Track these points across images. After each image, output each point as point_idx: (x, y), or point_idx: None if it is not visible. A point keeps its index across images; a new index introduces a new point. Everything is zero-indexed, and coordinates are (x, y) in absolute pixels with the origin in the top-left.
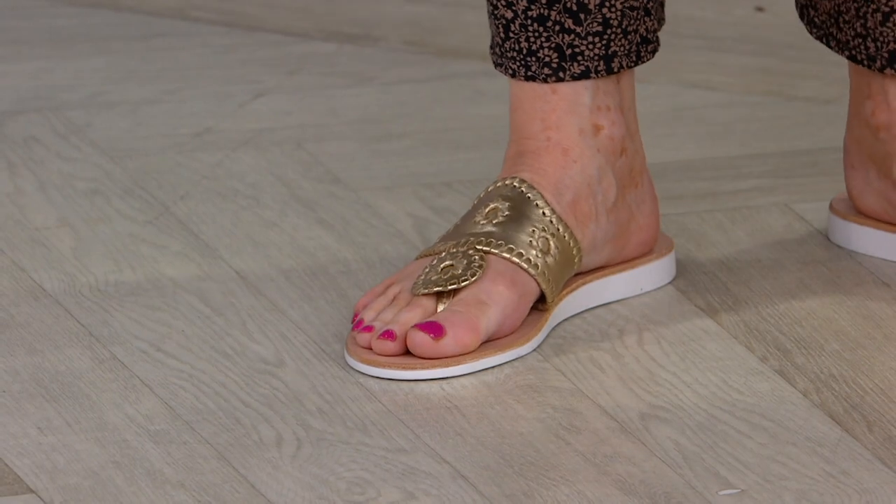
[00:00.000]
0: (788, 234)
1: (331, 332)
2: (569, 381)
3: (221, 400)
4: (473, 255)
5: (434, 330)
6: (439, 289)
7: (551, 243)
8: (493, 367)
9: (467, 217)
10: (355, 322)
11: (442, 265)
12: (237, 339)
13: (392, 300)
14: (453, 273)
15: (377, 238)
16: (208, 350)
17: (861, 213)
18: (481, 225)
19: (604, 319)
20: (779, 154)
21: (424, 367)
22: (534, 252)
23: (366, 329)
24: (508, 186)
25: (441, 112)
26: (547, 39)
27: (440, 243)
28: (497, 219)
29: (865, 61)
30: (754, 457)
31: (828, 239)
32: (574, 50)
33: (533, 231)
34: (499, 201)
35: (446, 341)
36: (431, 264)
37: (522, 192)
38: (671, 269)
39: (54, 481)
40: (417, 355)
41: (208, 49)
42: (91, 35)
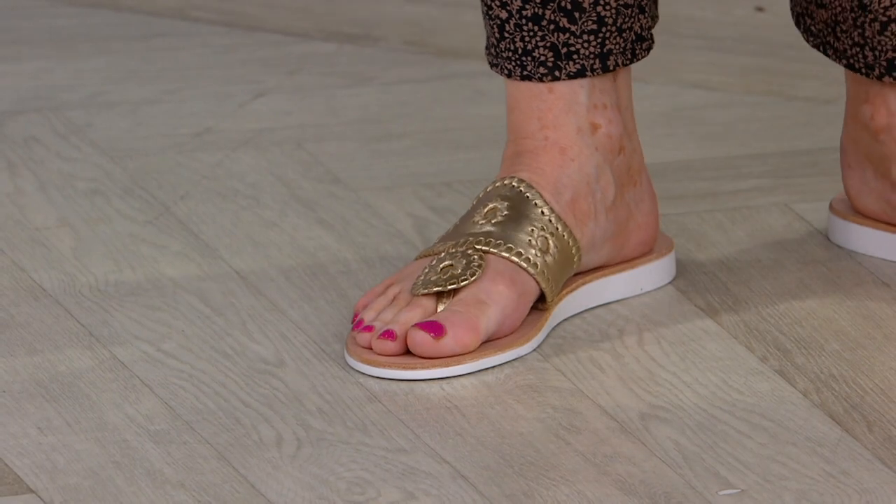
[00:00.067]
0: (788, 234)
1: (331, 332)
2: (569, 381)
3: (221, 400)
4: (473, 255)
5: (434, 329)
6: (439, 289)
7: (550, 242)
8: (493, 367)
9: (466, 217)
10: (355, 322)
11: (441, 265)
12: (237, 339)
13: (392, 300)
14: (453, 273)
15: (377, 238)
16: (208, 350)
17: (860, 214)
18: (480, 225)
19: (604, 319)
20: (779, 154)
21: (424, 367)
22: (533, 251)
23: (366, 329)
24: (507, 186)
25: (441, 112)
26: (542, 39)
27: (439, 243)
28: (496, 218)
29: (864, 69)
30: (754, 457)
31: (828, 239)
32: (569, 49)
33: (532, 230)
34: (497, 201)
35: (446, 341)
36: (431, 264)
37: (521, 192)
38: (671, 269)
39: (54, 481)
40: (417, 355)
41: (208, 49)
42: (91, 35)
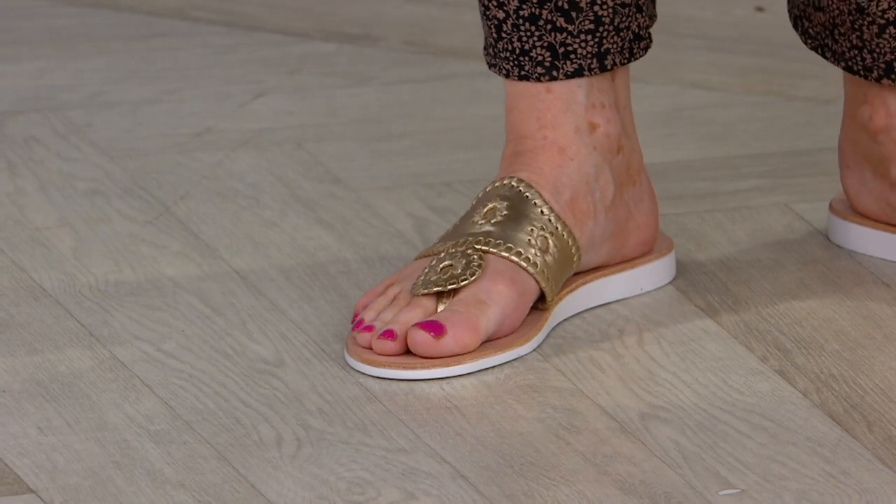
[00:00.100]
0: (788, 234)
1: (331, 332)
2: (569, 381)
3: (221, 400)
4: (472, 255)
5: (434, 329)
6: (439, 289)
7: (550, 242)
8: (493, 367)
9: (466, 217)
10: (355, 322)
11: (441, 265)
12: (237, 339)
13: (392, 300)
14: (453, 273)
15: (377, 238)
16: (208, 350)
17: (859, 214)
18: (480, 225)
19: (604, 319)
20: (779, 154)
21: (424, 367)
22: (533, 251)
23: (366, 329)
24: (506, 186)
25: (441, 112)
26: (539, 38)
27: (439, 244)
28: (495, 218)
29: (862, 72)
30: (754, 457)
31: (827, 239)
32: (567, 48)
33: (532, 230)
34: (497, 201)
35: (446, 340)
36: (430, 265)
37: (520, 192)
38: (671, 269)
39: (54, 481)
40: (418, 354)
41: (208, 49)
42: (91, 35)
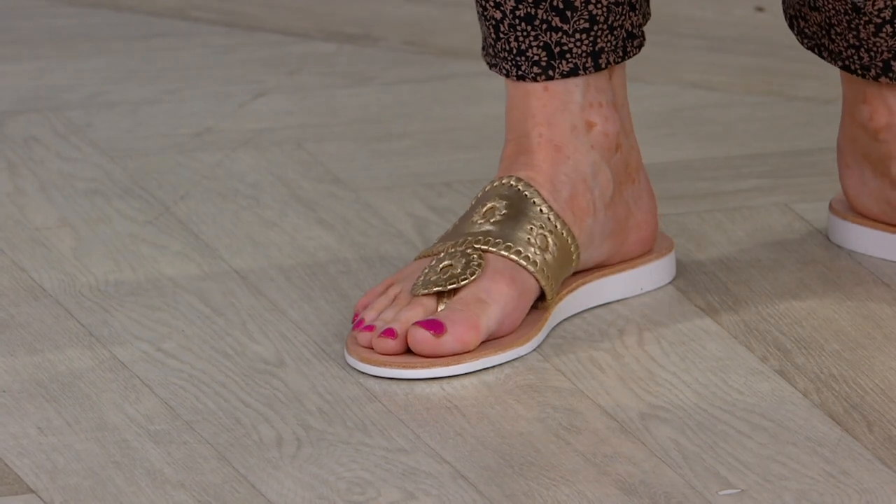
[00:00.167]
0: (788, 234)
1: (331, 332)
2: (569, 381)
3: (221, 400)
4: (472, 255)
5: (435, 327)
6: (439, 289)
7: (549, 240)
8: (493, 367)
9: (465, 217)
10: (356, 322)
11: (441, 265)
12: (237, 339)
13: (392, 300)
14: (452, 273)
15: (377, 238)
16: (208, 350)
17: (859, 214)
18: (479, 224)
19: (604, 319)
20: (779, 154)
21: (424, 367)
22: (532, 249)
23: (367, 328)
24: (505, 185)
25: (441, 112)
26: (535, 38)
27: (439, 244)
28: (495, 217)
29: (859, 71)
30: (754, 457)
31: (827, 239)
32: (562, 48)
33: (531, 229)
34: (496, 200)
35: (447, 339)
36: (430, 265)
37: (519, 191)
38: (671, 269)
39: (54, 481)
40: (418, 353)
41: (208, 49)
42: (91, 35)
